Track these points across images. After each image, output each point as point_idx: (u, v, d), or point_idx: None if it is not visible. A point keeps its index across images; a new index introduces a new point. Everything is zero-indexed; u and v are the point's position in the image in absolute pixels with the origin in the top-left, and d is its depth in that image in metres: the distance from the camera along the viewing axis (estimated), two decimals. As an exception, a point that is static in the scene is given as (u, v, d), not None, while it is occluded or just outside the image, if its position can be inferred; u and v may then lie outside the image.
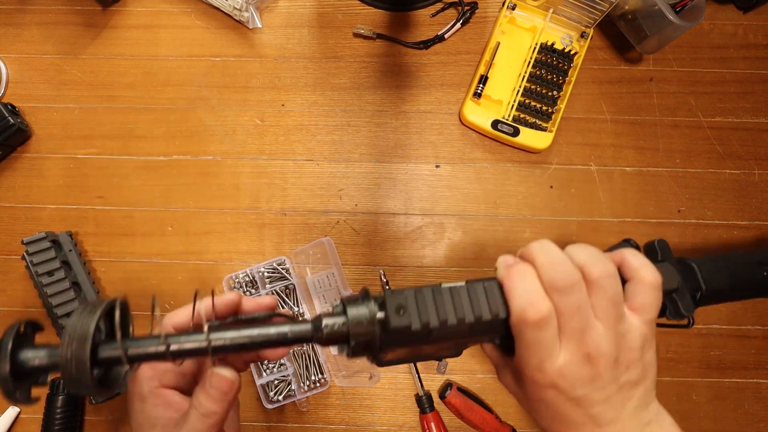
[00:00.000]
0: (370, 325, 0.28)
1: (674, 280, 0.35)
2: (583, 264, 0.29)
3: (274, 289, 0.65)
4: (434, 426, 0.61)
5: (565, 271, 0.28)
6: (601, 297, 0.28)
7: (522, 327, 0.28)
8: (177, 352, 0.27)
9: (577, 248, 0.30)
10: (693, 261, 0.37)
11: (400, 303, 0.28)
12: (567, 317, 0.28)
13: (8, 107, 0.66)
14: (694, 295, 0.37)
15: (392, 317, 0.28)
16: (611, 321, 0.28)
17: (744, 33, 0.71)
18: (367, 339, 0.28)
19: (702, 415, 0.64)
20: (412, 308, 0.28)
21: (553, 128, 0.66)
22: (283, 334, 0.28)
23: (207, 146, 0.69)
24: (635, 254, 0.31)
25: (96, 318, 0.25)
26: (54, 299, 0.61)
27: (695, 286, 0.37)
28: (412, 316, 0.28)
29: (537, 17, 0.69)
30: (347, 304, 0.29)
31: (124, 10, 0.72)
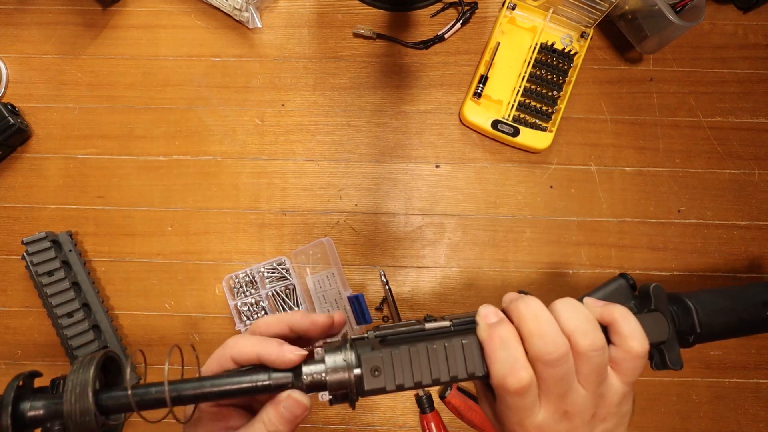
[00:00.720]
0: (347, 380, 0.29)
1: (663, 333, 0.34)
2: (572, 332, 0.28)
3: (275, 289, 0.65)
4: (434, 426, 0.61)
5: (552, 342, 0.28)
6: (587, 367, 0.28)
7: (501, 392, 0.28)
8: (173, 398, 0.29)
9: (567, 310, 0.30)
10: (691, 299, 0.36)
11: (375, 365, 0.29)
12: (549, 385, 0.28)
13: (8, 107, 0.66)
14: (687, 338, 0.36)
15: (367, 379, 0.29)
16: (593, 386, 0.29)
17: (744, 33, 0.71)
18: (344, 391, 0.30)
19: (702, 415, 0.64)
20: (387, 370, 0.29)
21: (553, 128, 0.66)
22: (265, 384, 0.30)
23: (207, 146, 0.69)
24: (627, 318, 0.30)
25: (93, 370, 0.28)
26: (54, 299, 0.61)
27: (689, 329, 0.36)
28: (386, 379, 0.29)
29: (537, 17, 0.69)
30: (327, 353, 0.30)
31: (124, 10, 0.72)
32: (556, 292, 0.66)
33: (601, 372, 0.29)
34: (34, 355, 0.66)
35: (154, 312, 0.66)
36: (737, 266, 0.66)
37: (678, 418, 0.64)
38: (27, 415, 0.27)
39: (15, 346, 0.66)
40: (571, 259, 0.66)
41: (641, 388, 0.64)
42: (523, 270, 0.66)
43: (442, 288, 0.66)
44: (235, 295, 0.66)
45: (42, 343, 0.66)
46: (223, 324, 0.66)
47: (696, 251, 0.67)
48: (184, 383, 0.29)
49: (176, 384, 0.29)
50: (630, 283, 0.36)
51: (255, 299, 0.65)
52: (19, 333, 0.66)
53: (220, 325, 0.66)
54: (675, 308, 0.36)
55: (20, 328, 0.66)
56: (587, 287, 0.66)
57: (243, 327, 0.64)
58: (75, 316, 0.61)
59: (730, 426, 0.64)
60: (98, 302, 0.64)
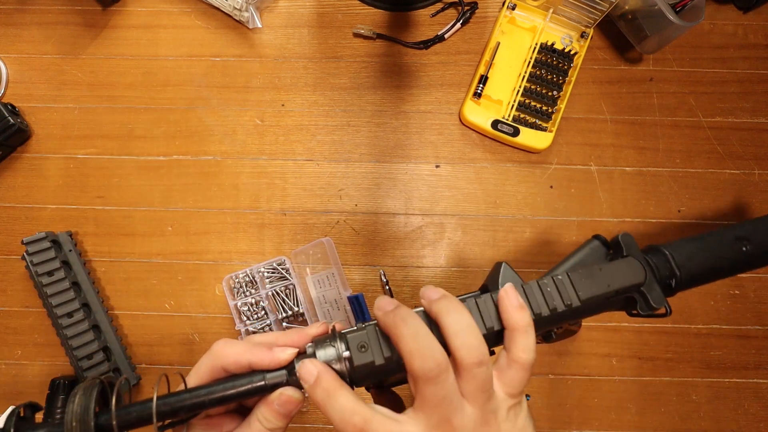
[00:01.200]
0: (338, 364, 0.30)
1: (639, 275, 0.34)
2: (458, 348, 0.28)
3: (274, 289, 0.65)
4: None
5: (432, 358, 0.28)
6: (471, 383, 0.28)
7: (424, 386, 0.28)
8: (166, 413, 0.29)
9: (453, 320, 0.29)
10: (665, 247, 0.37)
11: (361, 342, 0.30)
12: (432, 406, 0.28)
13: (8, 107, 0.66)
14: (669, 283, 0.36)
15: (355, 356, 0.30)
16: (480, 402, 0.28)
17: (744, 33, 0.71)
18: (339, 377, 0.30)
19: (702, 415, 0.64)
20: (374, 345, 0.30)
21: (553, 128, 0.66)
22: (260, 386, 0.30)
23: (207, 146, 0.69)
24: (521, 316, 0.30)
25: (93, 399, 0.28)
26: (54, 299, 0.61)
27: (669, 274, 0.36)
28: (375, 354, 0.30)
29: (537, 17, 0.69)
30: (317, 346, 0.31)
31: (124, 10, 0.72)
32: (556, 292, 0.66)
33: (486, 389, 0.28)
34: (34, 355, 0.66)
35: (154, 312, 0.66)
36: (737, 266, 0.66)
37: (678, 418, 0.64)
38: None
39: (15, 346, 0.66)
40: (571, 259, 0.66)
41: (641, 388, 0.64)
42: (523, 270, 0.66)
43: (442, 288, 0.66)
44: (235, 295, 0.66)
45: (42, 343, 0.66)
46: (223, 324, 0.66)
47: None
48: (179, 395, 0.30)
49: (172, 396, 0.30)
50: (604, 242, 0.37)
51: (255, 299, 0.65)
52: (19, 333, 0.66)
53: (220, 325, 0.66)
54: (652, 257, 0.36)
55: (20, 328, 0.66)
56: (587, 287, 0.66)
57: (243, 327, 0.64)
58: (75, 316, 0.61)
59: (730, 426, 0.64)
60: (98, 302, 0.64)
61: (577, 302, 0.32)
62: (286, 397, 0.30)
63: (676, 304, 0.66)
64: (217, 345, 0.32)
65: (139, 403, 0.29)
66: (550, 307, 0.32)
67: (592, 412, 0.64)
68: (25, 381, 0.66)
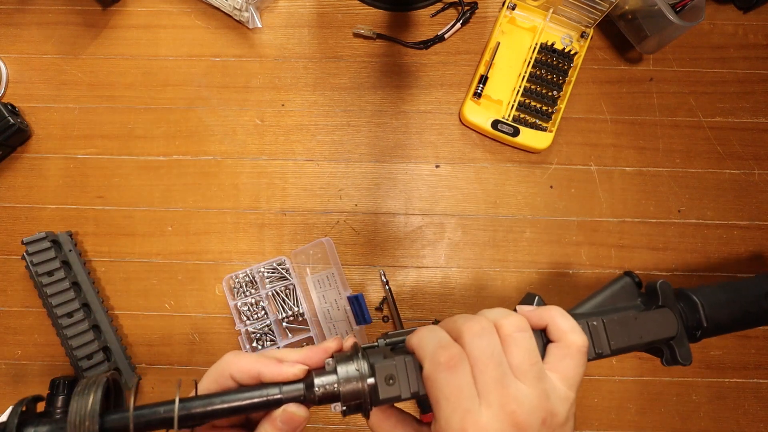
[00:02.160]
0: (360, 390, 0.29)
1: (672, 329, 0.34)
2: (495, 318, 0.28)
3: (274, 289, 0.65)
4: (434, 426, 0.61)
5: (474, 318, 0.28)
6: (516, 352, 0.27)
7: (435, 374, 0.26)
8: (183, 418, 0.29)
9: (488, 310, 0.30)
10: (697, 294, 0.36)
11: (389, 373, 0.29)
12: (482, 364, 0.26)
13: (8, 107, 0.66)
14: (694, 333, 0.36)
15: (382, 388, 0.29)
16: (530, 377, 0.26)
17: (744, 33, 0.71)
18: (358, 401, 0.29)
19: (702, 415, 0.64)
20: (402, 378, 0.29)
21: (553, 128, 0.66)
22: (276, 398, 0.29)
23: (207, 146, 0.69)
24: (563, 315, 0.30)
25: (99, 396, 0.27)
26: (54, 299, 0.61)
27: (696, 324, 0.35)
28: (402, 387, 0.29)
29: (537, 17, 0.69)
30: (338, 362, 0.30)
31: (124, 10, 0.72)
32: (556, 291, 0.66)
33: (533, 358, 0.27)
34: (34, 355, 0.66)
35: (154, 312, 0.66)
36: (737, 266, 0.66)
37: (678, 418, 0.64)
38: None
39: (15, 346, 0.66)
40: (571, 259, 0.66)
41: (641, 388, 0.64)
42: (523, 270, 0.66)
43: (442, 288, 0.66)
44: (235, 295, 0.66)
45: (42, 343, 0.66)
46: (223, 324, 0.66)
47: (696, 251, 0.67)
48: (193, 401, 0.29)
49: (185, 402, 0.28)
50: (636, 281, 0.36)
51: (255, 299, 0.65)
52: (19, 333, 0.66)
53: (220, 325, 0.66)
54: (683, 306, 0.36)
55: (20, 328, 0.66)
56: (587, 287, 0.66)
57: (243, 327, 0.64)
58: (75, 316, 0.61)
59: (730, 426, 0.64)
60: (98, 302, 0.64)
61: (608, 351, 0.32)
62: (290, 414, 0.29)
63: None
64: (227, 354, 0.31)
65: (152, 406, 0.28)
66: None
67: (592, 412, 0.64)
68: (25, 381, 0.66)
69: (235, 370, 0.30)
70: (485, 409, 0.26)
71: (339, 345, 0.32)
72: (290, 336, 0.66)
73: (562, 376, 0.28)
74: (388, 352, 0.30)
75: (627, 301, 0.35)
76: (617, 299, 0.35)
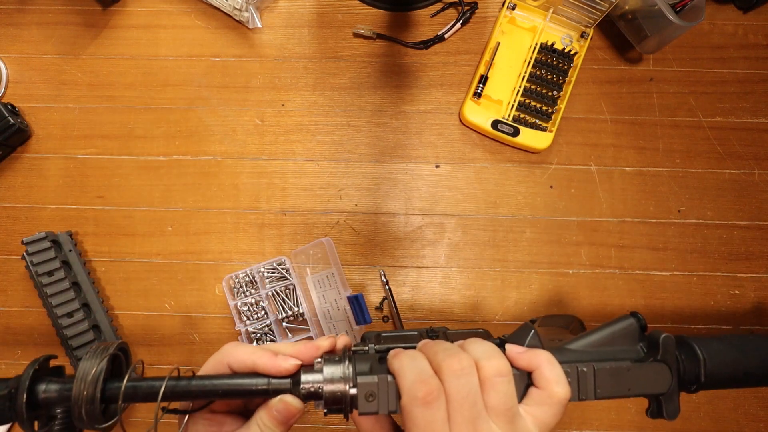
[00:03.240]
0: (342, 394, 0.30)
1: (664, 385, 0.33)
2: (478, 358, 0.28)
3: (274, 289, 0.65)
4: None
5: (457, 355, 0.28)
6: (493, 395, 0.28)
7: (411, 407, 0.27)
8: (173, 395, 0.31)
9: (476, 343, 0.30)
10: (701, 347, 0.34)
11: (370, 390, 0.30)
12: (457, 403, 0.27)
13: (8, 107, 0.66)
14: (690, 386, 0.35)
15: (361, 403, 0.30)
16: (504, 420, 0.27)
17: (744, 33, 0.71)
18: (339, 405, 0.31)
19: (702, 415, 0.64)
20: (381, 396, 0.30)
21: (553, 128, 0.66)
22: (263, 388, 0.31)
23: (207, 146, 0.69)
24: (551, 363, 0.30)
25: (104, 362, 0.30)
26: (54, 299, 0.61)
27: (694, 379, 0.34)
28: (380, 405, 0.30)
29: (537, 17, 0.69)
30: (326, 363, 0.31)
31: (124, 10, 0.72)
32: (556, 291, 0.66)
33: (509, 403, 0.28)
34: (34, 355, 0.65)
35: (154, 312, 0.66)
36: (737, 266, 0.66)
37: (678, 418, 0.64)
38: (40, 396, 0.30)
39: (15, 346, 0.66)
40: (571, 259, 0.66)
41: (641, 388, 0.64)
42: (523, 270, 0.66)
43: (442, 288, 0.66)
44: (235, 295, 0.66)
45: (42, 344, 0.66)
46: (223, 324, 0.66)
47: (696, 251, 0.67)
48: (188, 380, 0.30)
49: (179, 380, 0.30)
50: (641, 323, 0.34)
51: (255, 299, 0.65)
52: (19, 333, 0.66)
53: (220, 325, 0.66)
54: (683, 355, 0.34)
55: (20, 328, 0.66)
56: (587, 287, 0.66)
57: (243, 327, 0.64)
58: (75, 316, 0.61)
59: (730, 426, 0.64)
60: (98, 302, 0.64)
61: (593, 397, 0.32)
62: (285, 405, 0.30)
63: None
64: (227, 345, 0.33)
65: (148, 379, 0.30)
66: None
67: (592, 412, 0.64)
68: (25, 381, 0.66)
69: (233, 360, 0.32)
70: None
71: (332, 345, 0.33)
72: (290, 336, 0.66)
73: (537, 421, 0.29)
74: (375, 363, 0.32)
75: (626, 344, 0.34)
76: (617, 341, 0.34)
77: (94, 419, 0.29)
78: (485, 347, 0.30)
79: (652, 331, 0.34)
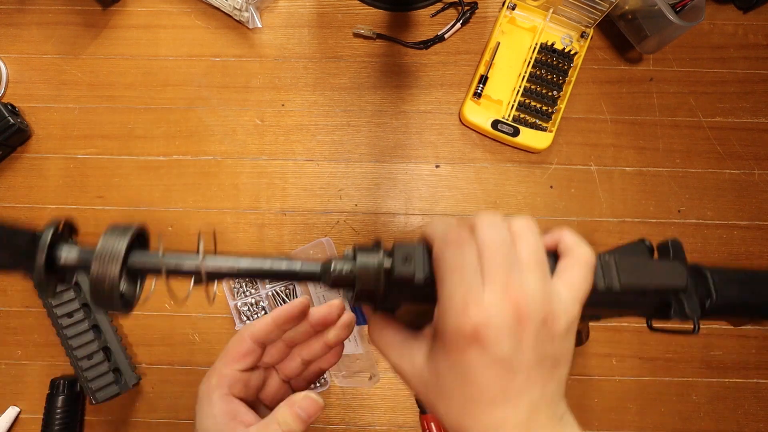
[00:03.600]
0: (376, 273, 0.28)
1: (681, 279, 0.33)
2: (507, 218, 0.28)
3: (274, 288, 0.65)
4: (434, 426, 0.61)
5: (486, 212, 0.28)
6: (525, 247, 0.27)
7: (442, 250, 0.26)
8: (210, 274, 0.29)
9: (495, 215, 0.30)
10: (706, 268, 0.36)
11: (407, 253, 0.28)
12: (490, 250, 0.26)
13: (8, 107, 0.66)
14: (703, 303, 0.35)
15: (397, 265, 0.28)
16: (537, 274, 0.26)
17: (744, 33, 0.71)
18: (371, 287, 0.28)
19: (702, 415, 0.64)
20: (418, 260, 0.28)
21: (553, 128, 0.66)
22: (293, 270, 0.29)
23: (207, 146, 0.69)
24: (574, 233, 0.30)
25: (129, 235, 0.28)
26: (54, 299, 0.61)
27: (705, 294, 0.35)
28: (417, 267, 0.28)
29: (537, 17, 0.69)
30: (358, 251, 0.29)
31: (124, 10, 0.72)
32: (556, 292, 0.66)
33: (540, 257, 0.27)
34: (34, 355, 0.66)
35: (154, 312, 0.66)
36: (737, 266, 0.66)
37: (678, 418, 0.64)
38: (60, 259, 0.28)
39: (15, 346, 0.66)
40: (571, 259, 0.66)
41: (641, 388, 0.64)
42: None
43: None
44: (235, 295, 0.66)
45: (42, 343, 0.66)
46: (223, 324, 0.66)
47: (696, 251, 0.67)
48: (218, 256, 0.29)
49: (211, 256, 0.29)
50: (648, 246, 0.35)
51: (255, 299, 0.65)
52: (19, 333, 0.66)
53: (220, 325, 0.66)
54: (693, 272, 0.35)
55: (20, 328, 0.66)
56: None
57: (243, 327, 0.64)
58: (75, 316, 0.61)
59: (730, 426, 0.64)
60: (98, 302, 0.64)
61: (617, 287, 0.31)
62: (311, 401, 0.30)
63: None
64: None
65: (177, 254, 0.29)
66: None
67: (592, 413, 0.64)
68: (25, 381, 0.66)
69: (253, 331, 0.33)
70: (489, 290, 0.25)
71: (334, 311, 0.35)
72: (290, 336, 0.65)
73: (567, 283, 0.27)
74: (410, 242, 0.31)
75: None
76: (629, 253, 0.35)
77: (109, 292, 0.27)
78: (514, 217, 0.29)
79: (659, 243, 0.36)
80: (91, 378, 0.60)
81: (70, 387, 0.62)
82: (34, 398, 0.65)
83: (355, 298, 0.29)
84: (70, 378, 0.63)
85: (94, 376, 0.60)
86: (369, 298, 0.29)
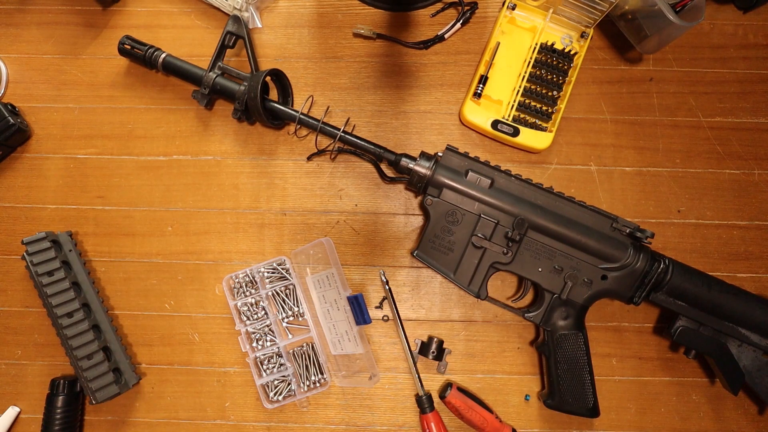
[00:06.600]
0: (424, 173, 0.59)
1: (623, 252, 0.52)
2: None
3: (274, 289, 0.65)
4: (434, 426, 0.61)
5: None
6: None
7: None
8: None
9: None
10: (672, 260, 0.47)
11: (451, 166, 0.49)
12: None
13: (8, 107, 0.66)
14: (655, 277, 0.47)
15: (438, 170, 0.57)
16: None
17: (744, 33, 0.71)
18: (421, 180, 0.59)
19: (702, 415, 0.64)
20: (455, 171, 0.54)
21: (553, 128, 0.66)
22: (378, 152, 0.61)
23: (207, 146, 0.69)
24: None
25: (264, 74, 0.44)
26: (54, 299, 0.61)
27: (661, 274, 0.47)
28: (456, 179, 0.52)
29: (537, 17, 0.69)
30: (420, 157, 0.59)
31: (124, 10, 0.72)
32: (556, 292, 0.66)
33: None
34: (34, 355, 0.66)
35: (154, 312, 0.66)
36: (737, 266, 0.66)
37: (678, 418, 0.64)
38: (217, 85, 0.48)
39: (15, 346, 0.66)
40: (571, 259, 0.66)
41: (641, 388, 0.64)
42: (523, 270, 0.66)
43: (441, 288, 0.66)
44: (235, 295, 0.66)
45: (42, 343, 0.66)
46: (223, 324, 0.66)
47: (696, 251, 0.67)
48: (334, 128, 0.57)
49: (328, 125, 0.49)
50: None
51: (255, 299, 0.65)
52: (19, 333, 0.66)
53: (220, 325, 0.66)
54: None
55: (20, 328, 0.66)
56: (587, 287, 0.66)
57: (243, 327, 0.64)
58: (75, 316, 0.61)
59: (730, 426, 0.64)
60: (98, 302, 0.64)
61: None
62: None
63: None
64: None
65: (310, 117, 0.46)
66: None
67: (592, 412, 0.64)
68: (25, 381, 0.66)
69: None
70: None
71: None
72: (290, 336, 0.66)
73: None
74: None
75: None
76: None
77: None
78: None
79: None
80: (91, 378, 0.60)
81: (70, 387, 0.62)
82: (34, 398, 0.65)
83: (407, 185, 0.52)
84: (70, 378, 0.63)
85: (94, 376, 0.60)
86: (416, 186, 0.60)
